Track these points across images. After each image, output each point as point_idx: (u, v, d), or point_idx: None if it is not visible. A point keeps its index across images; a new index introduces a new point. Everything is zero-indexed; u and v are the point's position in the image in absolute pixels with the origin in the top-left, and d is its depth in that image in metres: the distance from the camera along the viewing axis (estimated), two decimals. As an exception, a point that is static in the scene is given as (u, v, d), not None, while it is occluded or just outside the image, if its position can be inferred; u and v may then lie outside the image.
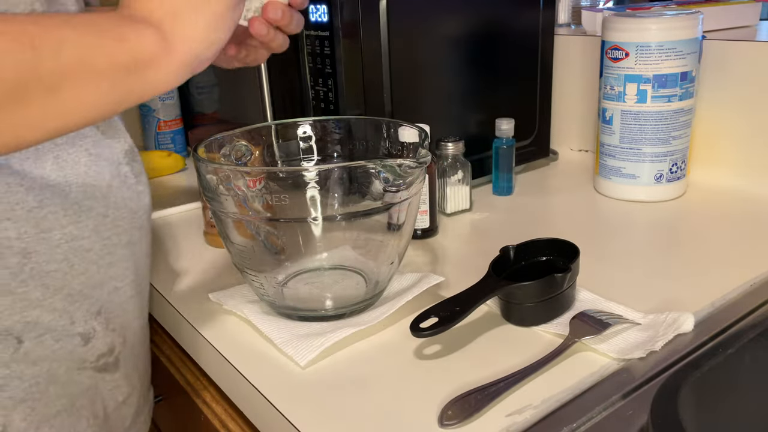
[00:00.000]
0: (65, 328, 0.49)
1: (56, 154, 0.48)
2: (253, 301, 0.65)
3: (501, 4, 0.93)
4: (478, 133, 0.95)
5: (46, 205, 0.47)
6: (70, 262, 0.49)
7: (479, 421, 0.47)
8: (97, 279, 0.51)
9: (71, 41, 0.37)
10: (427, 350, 0.56)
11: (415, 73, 0.86)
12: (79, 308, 0.50)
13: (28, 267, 0.46)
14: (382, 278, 0.63)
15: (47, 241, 0.47)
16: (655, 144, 0.86)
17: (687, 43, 0.83)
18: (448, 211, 0.87)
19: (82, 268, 0.50)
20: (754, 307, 0.61)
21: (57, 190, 0.47)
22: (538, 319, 0.58)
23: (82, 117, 0.39)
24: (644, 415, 0.46)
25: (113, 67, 0.39)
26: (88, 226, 0.50)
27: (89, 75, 0.38)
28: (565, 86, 1.10)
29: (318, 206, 0.57)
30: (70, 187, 0.48)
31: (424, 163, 0.54)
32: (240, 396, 0.57)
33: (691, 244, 0.75)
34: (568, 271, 0.58)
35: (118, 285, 0.54)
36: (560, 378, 0.51)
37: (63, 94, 0.37)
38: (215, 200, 0.58)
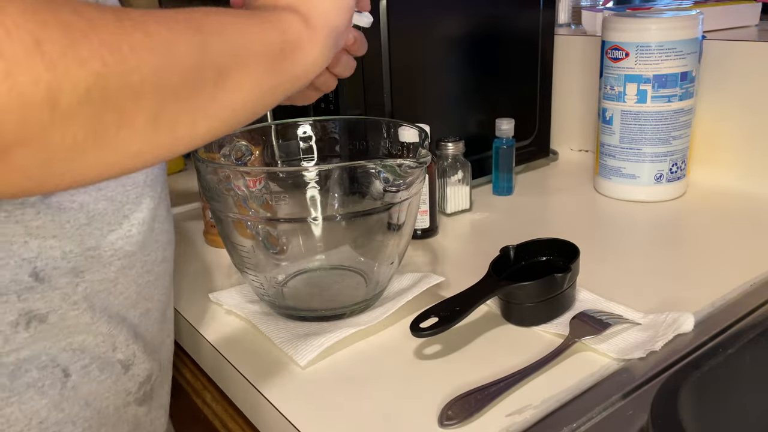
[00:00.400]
0: (107, 354, 0.45)
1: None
2: (253, 301, 0.65)
3: (501, 4, 0.93)
4: (478, 133, 0.95)
5: (100, 223, 0.43)
6: (115, 281, 0.45)
7: (479, 421, 0.47)
8: (134, 299, 0.47)
9: (231, 26, 0.35)
10: (427, 350, 0.56)
11: (415, 73, 0.86)
12: (120, 331, 0.46)
13: (81, 287, 0.42)
14: (382, 278, 0.63)
15: (97, 259, 0.43)
16: (655, 144, 0.86)
17: (687, 43, 0.83)
18: (448, 211, 0.87)
19: (123, 288, 0.46)
20: (754, 307, 0.61)
21: (108, 205, 0.44)
22: (538, 319, 0.58)
23: (247, 105, 0.37)
24: (644, 415, 0.46)
25: (268, 50, 0.38)
26: (137, 242, 0.46)
27: (250, 59, 0.36)
28: (565, 86, 1.10)
29: (318, 206, 0.57)
30: (127, 196, 0.45)
31: (424, 163, 0.54)
32: (240, 396, 0.57)
33: (691, 244, 0.75)
34: (568, 271, 0.58)
35: (150, 306, 0.50)
36: (560, 378, 0.51)
37: (230, 80, 0.35)
38: (215, 200, 0.58)
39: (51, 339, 0.41)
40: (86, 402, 0.44)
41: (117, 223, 0.44)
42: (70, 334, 0.42)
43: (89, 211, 0.42)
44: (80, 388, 0.43)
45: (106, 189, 0.43)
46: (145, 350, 0.49)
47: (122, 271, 0.45)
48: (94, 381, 0.45)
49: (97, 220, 0.42)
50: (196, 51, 0.32)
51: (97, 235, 0.43)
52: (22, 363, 0.40)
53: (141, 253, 0.47)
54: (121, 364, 0.47)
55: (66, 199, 0.40)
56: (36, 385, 0.41)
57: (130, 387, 0.48)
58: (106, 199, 0.43)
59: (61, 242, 0.40)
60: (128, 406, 0.49)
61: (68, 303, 0.41)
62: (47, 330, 0.41)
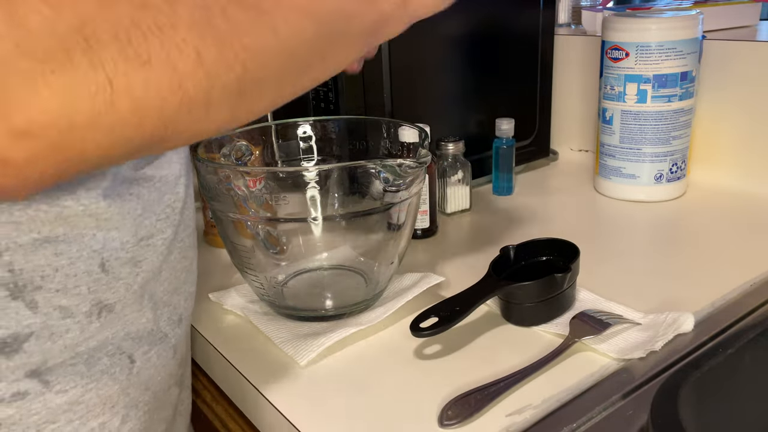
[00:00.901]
0: (163, 340, 0.47)
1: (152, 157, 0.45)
2: (253, 301, 0.65)
3: (501, 4, 0.93)
4: (478, 133, 0.95)
5: (149, 213, 0.44)
6: (160, 268, 0.46)
7: (479, 421, 0.47)
8: (174, 285, 0.48)
9: (338, 12, 0.36)
10: (427, 350, 0.56)
11: (415, 73, 0.86)
12: (167, 317, 0.47)
13: (140, 277, 0.43)
14: (382, 278, 0.63)
15: (152, 248, 0.44)
16: (655, 144, 0.86)
17: (687, 43, 0.83)
18: (448, 211, 0.87)
19: (167, 274, 0.47)
20: (754, 307, 0.61)
21: (156, 194, 0.45)
22: (538, 319, 0.58)
23: (338, 68, 0.39)
24: (644, 415, 0.46)
25: (363, 31, 0.38)
26: (174, 229, 0.47)
27: (350, 38, 0.37)
28: (565, 86, 1.10)
29: (318, 206, 0.57)
30: (166, 187, 0.46)
31: (424, 163, 0.54)
32: (240, 396, 0.57)
33: (691, 244, 0.75)
34: (568, 271, 0.58)
35: (187, 290, 0.51)
36: (560, 378, 0.51)
37: (331, 57, 0.37)
38: (215, 200, 0.58)
39: (115, 327, 0.42)
40: (146, 386, 0.45)
41: (162, 211, 0.45)
42: (129, 323, 0.44)
43: (144, 202, 0.43)
44: (142, 372, 0.45)
45: (154, 180, 0.44)
46: (186, 334, 0.51)
47: (165, 258, 0.46)
48: (152, 366, 0.46)
49: (147, 210, 0.44)
50: (312, 42, 0.34)
51: (148, 225, 0.44)
52: (94, 351, 0.41)
53: (176, 239, 0.48)
54: (173, 349, 0.48)
55: (125, 191, 0.41)
56: (108, 371, 0.42)
57: (174, 369, 0.50)
58: (156, 190, 0.44)
59: (120, 233, 0.41)
60: (171, 388, 0.50)
61: (130, 293, 0.43)
62: (114, 319, 0.42)
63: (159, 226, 0.45)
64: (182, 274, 0.49)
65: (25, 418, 0.39)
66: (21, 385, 0.38)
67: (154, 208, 0.44)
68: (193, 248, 0.52)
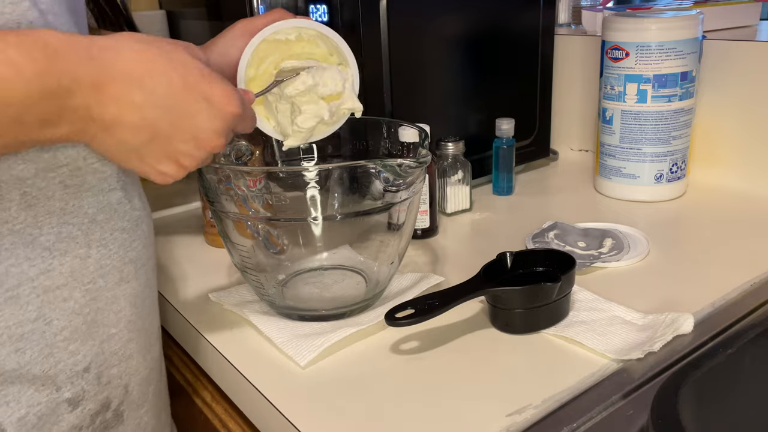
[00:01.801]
0: (50, 398, 0.43)
1: (23, 190, 0.41)
2: (253, 301, 0.65)
3: (501, 4, 0.93)
4: (478, 133, 0.95)
5: (8, 257, 0.40)
6: (46, 318, 0.42)
7: (479, 421, 0.47)
8: (82, 331, 0.45)
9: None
10: (427, 351, 0.56)
11: (415, 72, 0.86)
12: (62, 370, 0.44)
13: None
14: (382, 278, 0.63)
15: (15, 299, 0.41)
16: (655, 144, 0.86)
17: (687, 43, 0.83)
18: (448, 211, 0.87)
19: (63, 323, 0.43)
20: (754, 307, 0.61)
21: (23, 236, 0.41)
22: (524, 327, 0.57)
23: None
24: (644, 415, 0.46)
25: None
26: (63, 273, 0.43)
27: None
28: (565, 86, 1.10)
29: (318, 206, 0.57)
30: (40, 230, 0.42)
31: (424, 163, 0.54)
32: (240, 396, 0.57)
33: (690, 244, 0.75)
34: (558, 281, 0.56)
35: (112, 331, 0.47)
36: (560, 378, 0.51)
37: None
38: (215, 200, 0.58)
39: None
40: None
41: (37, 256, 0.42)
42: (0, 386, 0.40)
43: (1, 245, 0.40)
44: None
45: (13, 222, 0.41)
46: (99, 381, 0.47)
47: (53, 306, 0.43)
48: (32, 430, 0.43)
49: (9, 256, 0.41)
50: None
51: (15, 273, 0.41)
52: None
53: (76, 283, 0.44)
54: (68, 403, 0.45)
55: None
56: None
57: (80, 422, 0.46)
58: (12, 233, 0.41)
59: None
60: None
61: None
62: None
63: (30, 273, 0.42)
64: (96, 316, 0.46)
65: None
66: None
67: (29, 251, 0.42)
68: (118, 286, 0.48)
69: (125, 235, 0.48)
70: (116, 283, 0.47)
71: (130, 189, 0.49)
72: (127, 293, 0.49)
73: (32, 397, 0.43)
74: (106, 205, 0.46)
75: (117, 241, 0.47)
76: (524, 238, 0.77)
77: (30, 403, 0.43)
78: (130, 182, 0.49)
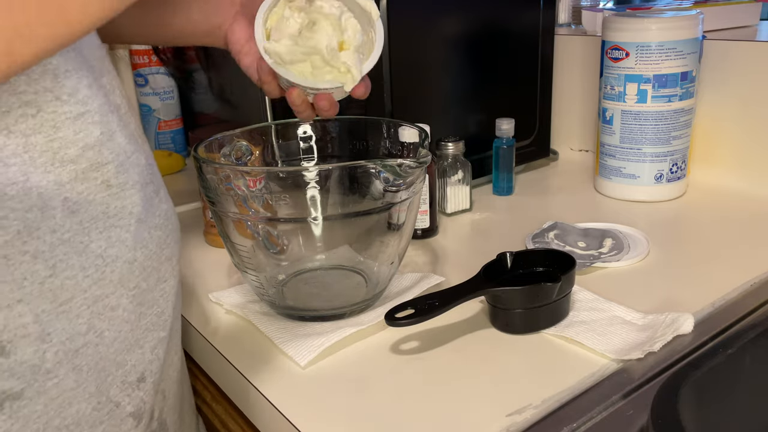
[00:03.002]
0: (113, 414, 0.40)
1: (64, 196, 0.37)
2: (253, 301, 0.65)
3: (501, 4, 0.93)
4: (478, 133, 0.95)
5: (63, 269, 0.37)
6: (97, 330, 0.40)
7: (479, 421, 0.47)
8: (131, 339, 0.42)
9: None
10: (427, 351, 0.56)
11: (415, 73, 0.86)
12: (112, 383, 0.41)
13: (50, 353, 0.37)
14: (382, 278, 0.63)
15: (66, 314, 0.38)
16: (655, 144, 0.86)
17: (687, 43, 0.83)
18: (448, 211, 0.87)
19: (114, 333, 0.41)
20: (754, 307, 0.61)
21: (74, 244, 0.38)
22: (524, 327, 0.57)
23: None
24: (644, 415, 0.46)
25: None
26: (113, 281, 0.40)
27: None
28: (565, 86, 1.10)
29: (318, 206, 0.57)
30: (89, 236, 0.39)
31: (424, 163, 0.54)
32: (240, 396, 0.57)
33: (690, 244, 0.75)
34: (558, 281, 0.56)
35: (162, 335, 0.45)
36: (560, 378, 0.51)
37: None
38: (215, 200, 0.58)
39: (36, 421, 0.36)
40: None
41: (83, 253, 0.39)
42: (61, 407, 0.38)
43: (50, 260, 0.37)
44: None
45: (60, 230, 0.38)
46: (155, 390, 0.45)
47: (102, 316, 0.40)
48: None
49: (62, 268, 0.38)
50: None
51: (70, 285, 0.37)
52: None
53: (123, 289, 0.41)
54: (133, 417, 0.43)
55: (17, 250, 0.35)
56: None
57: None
58: (62, 243, 0.38)
59: (29, 305, 0.35)
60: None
61: (41, 374, 0.36)
62: (27, 409, 0.36)
63: (83, 285, 0.38)
64: (140, 321, 0.42)
65: None
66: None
67: (81, 261, 0.38)
68: (157, 287, 0.44)
69: (160, 231, 0.45)
70: (155, 283, 0.45)
71: (156, 181, 0.46)
72: (166, 293, 0.46)
73: (93, 414, 0.40)
74: (146, 201, 0.43)
75: (155, 239, 0.44)
76: (524, 238, 0.77)
77: (91, 423, 0.40)
78: (155, 173, 0.46)
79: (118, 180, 0.40)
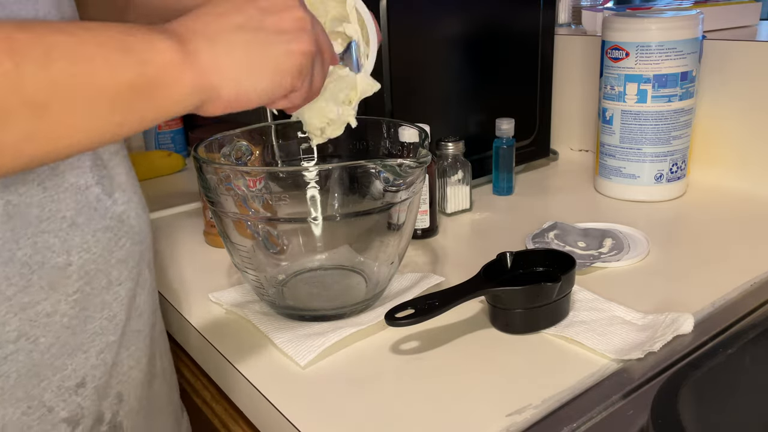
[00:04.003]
0: (44, 419, 0.40)
1: (6, 199, 0.37)
2: (253, 301, 0.65)
3: (501, 4, 0.93)
4: (478, 133, 0.95)
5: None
6: (30, 336, 0.39)
7: (479, 421, 0.47)
8: (73, 344, 0.42)
9: (63, 50, 0.31)
10: (427, 351, 0.56)
11: (415, 72, 0.86)
12: (46, 388, 0.41)
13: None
14: (382, 278, 0.63)
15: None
16: (655, 144, 0.86)
17: (687, 43, 0.83)
18: (448, 211, 0.87)
19: (51, 339, 0.40)
20: (754, 307, 0.61)
21: (2, 254, 0.38)
22: (524, 327, 0.57)
23: (75, 142, 0.33)
24: (644, 415, 0.46)
25: (115, 83, 0.33)
26: (43, 287, 0.40)
27: (84, 92, 0.32)
28: (565, 86, 1.10)
29: (318, 206, 0.57)
30: (17, 243, 0.38)
31: (424, 163, 0.54)
32: (240, 396, 0.57)
33: (691, 244, 0.75)
34: (558, 281, 0.56)
35: (111, 339, 0.44)
36: (560, 378, 0.51)
37: (51, 115, 0.31)
38: (215, 200, 0.58)
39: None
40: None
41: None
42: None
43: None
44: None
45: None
46: (97, 395, 0.44)
47: (35, 323, 0.39)
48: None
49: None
50: (1, 81, 0.29)
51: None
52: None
53: (58, 294, 0.41)
54: (67, 423, 0.42)
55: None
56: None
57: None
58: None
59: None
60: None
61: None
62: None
63: (7, 293, 0.38)
64: (85, 326, 0.42)
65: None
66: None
67: (4, 268, 0.38)
68: (107, 290, 0.44)
69: (109, 234, 0.44)
70: (106, 286, 0.44)
71: (107, 183, 0.44)
72: (120, 296, 0.45)
73: (20, 420, 0.40)
74: (85, 204, 0.42)
75: (100, 242, 0.43)
76: (524, 238, 0.77)
77: (19, 427, 0.40)
78: (107, 176, 0.44)
79: (53, 182, 0.40)
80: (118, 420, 0.47)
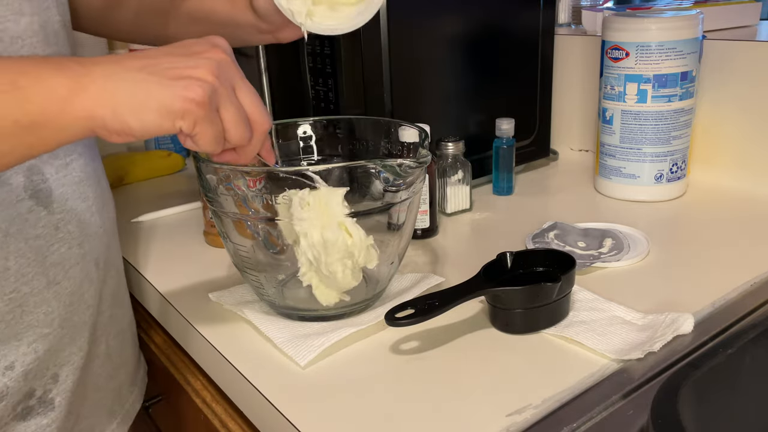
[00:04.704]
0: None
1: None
2: (253, 301, 0.65)
3: (501, 4, 0.93)
4: (478, 133, 0.95)
5: None
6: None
7: (479, 421, 0.47)
8: (8, 334, 0.48)
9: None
10: (427, 351, 0.56)
11: (415, 72, 0.86)
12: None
13: None
14: (382, 278, 0.63)
15: None
16: (655, 144, 0.86)
17: (687, 43, 0.83)
18: (448, 211, 0.87)
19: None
20: (754, 307, 0.61)
21: None
22: (524, 327, 0.57)
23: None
24: (644, 415, 0.46)
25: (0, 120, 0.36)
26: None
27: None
28: (565, 86, 1.10)
29: (318, 206, 0.57)
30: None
31: (424, 163, 0.54)
32: (240, 396, 0.57)
33: (690, 244, 0.75)
34: (558, 281, 0.56)
35: (45, 331, 0.50)
36: (560, 378, 0.51)
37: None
38: (215, 200, 0.58)
39: None
40: None
41: None
42: None
43: None
44: None
45: None
46: (25, 377, 0.49)
47: None
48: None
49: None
50: None
51: None
52: None
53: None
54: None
55: None
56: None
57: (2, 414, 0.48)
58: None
59: None
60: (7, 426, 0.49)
61: None
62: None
63: None
64: (20, 321, 0.48)
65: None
66: None
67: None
68: (47, 289, 0.50)
69: (41, 241, 0.49)
70: (45, 286, 0.49)
71: (44, 196, 0.49)
72: (60, 294, 0.51)
73: None
74: (16, 216, 0.47)
75: (33, 249, 0.48)
76: (524, 238, 0.77)
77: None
78: (45, 189, 0.49)
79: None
80: (50, 396, 0.52)
